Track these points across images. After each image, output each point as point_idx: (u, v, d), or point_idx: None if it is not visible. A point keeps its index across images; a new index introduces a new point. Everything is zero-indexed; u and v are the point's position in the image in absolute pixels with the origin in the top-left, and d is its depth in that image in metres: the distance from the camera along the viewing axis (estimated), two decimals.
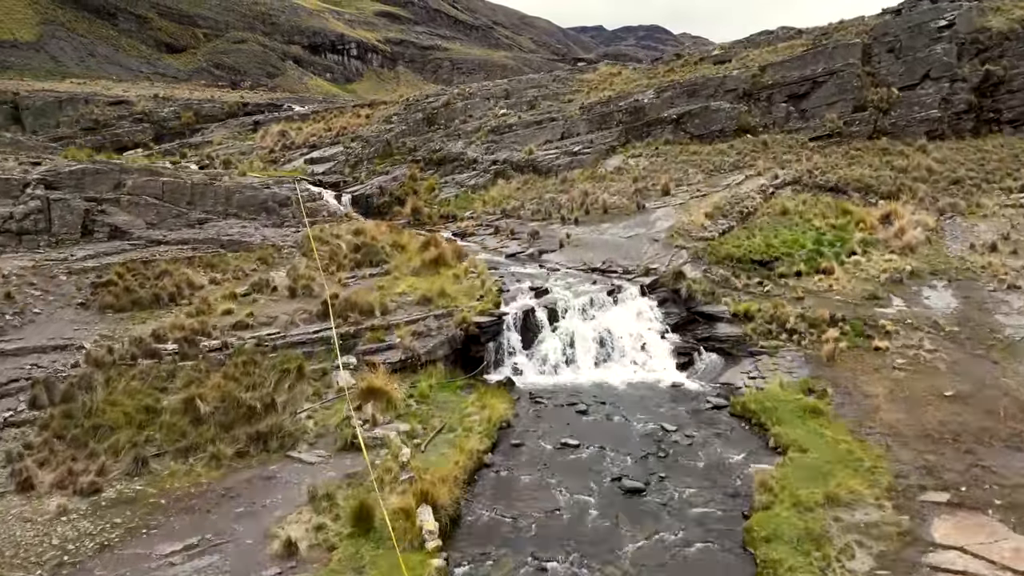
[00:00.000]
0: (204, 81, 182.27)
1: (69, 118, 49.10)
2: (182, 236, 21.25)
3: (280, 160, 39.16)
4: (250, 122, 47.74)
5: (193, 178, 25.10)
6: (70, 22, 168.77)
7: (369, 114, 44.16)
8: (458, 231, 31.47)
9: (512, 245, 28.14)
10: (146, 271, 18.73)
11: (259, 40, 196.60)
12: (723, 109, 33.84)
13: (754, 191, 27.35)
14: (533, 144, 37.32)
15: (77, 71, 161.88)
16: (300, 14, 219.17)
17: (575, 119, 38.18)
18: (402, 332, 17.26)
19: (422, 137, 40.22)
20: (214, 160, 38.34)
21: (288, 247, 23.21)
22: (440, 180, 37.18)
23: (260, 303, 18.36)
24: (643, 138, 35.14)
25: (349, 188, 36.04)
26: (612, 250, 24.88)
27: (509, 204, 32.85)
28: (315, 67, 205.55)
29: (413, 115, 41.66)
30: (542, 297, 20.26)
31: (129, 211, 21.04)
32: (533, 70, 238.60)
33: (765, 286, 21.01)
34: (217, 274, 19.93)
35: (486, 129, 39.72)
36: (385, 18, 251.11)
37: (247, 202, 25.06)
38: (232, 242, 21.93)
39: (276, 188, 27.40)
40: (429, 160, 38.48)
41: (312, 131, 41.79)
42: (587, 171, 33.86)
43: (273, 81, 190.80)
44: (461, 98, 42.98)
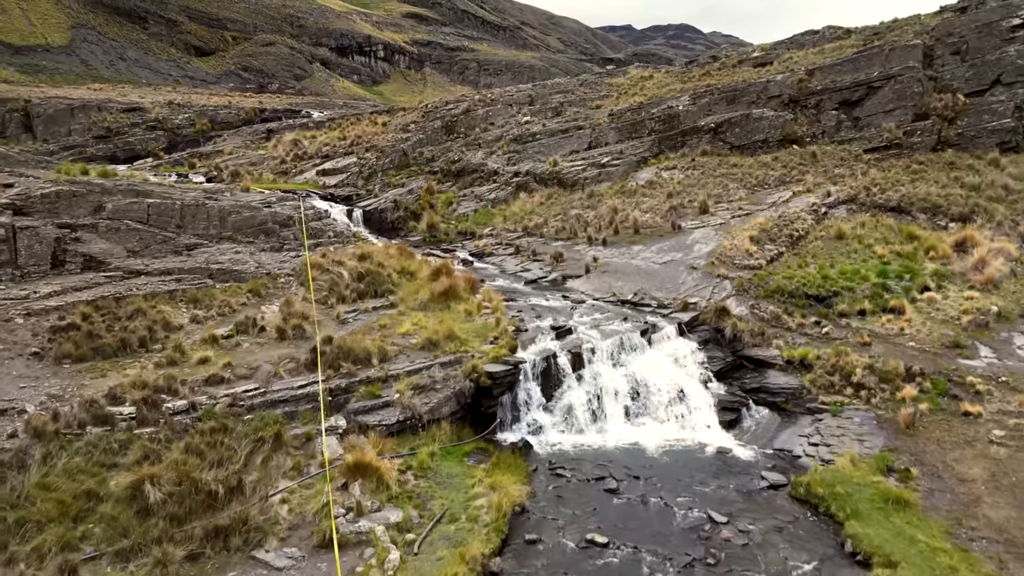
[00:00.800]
0: (232, 84, 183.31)
1: (81, 126, 47.76)
2: (166, 265, 19.12)
3: (291, 172, 37.13)
4: (263, 130, 45.90)
5: (186, 197, 23.03)
6: (101, 25, 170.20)
7: (386, 122, 41.98)
8: (476, 250, 29.08)
9: (534, 268, 25.65)
10: (118, 309, 16.60)
11: (287, 43, 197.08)
12: (766, 117, 30.94)
13: (804, 211, 24.47)
14: (558, 155, 34.77)
15: (107, 75, 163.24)
16: (328, 16, 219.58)
17: (603, 127, 35.55)
18: (401, 386, 14.85)
19: (440, 147, 37.89)
20: (222, 171, 36.46)
21: (285, 275, 20.99)
22: (458, 193, 34.82)
23: (243, 348, 16.10)
24: (678, 148, 32.38)
25: (362, 202, 33.85)
26: (645, 278, 22.24)
27: (531, 221, 30.37)
28: (342, 69, 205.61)
29: (431, 123, 39.36)
30: (565, 338, 17.72)
31: (108, 238, 18.98)
32: (560, 70, 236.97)
33: (823, 327, 18.20)
34: (200, 311, 17.75)
35: (508, 138, 37.27)
36: (412, 19, 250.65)
37: (244, 224, 22.92)
38: (222, 271, 19.76)
39: (278, 207, 25.25)
40: (447, 171, 36.14)
41: (326, 140, 39.73)
42: (616, 185, 31.23)
43: (300, 84, 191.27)
44: (482, 105, 40.58)
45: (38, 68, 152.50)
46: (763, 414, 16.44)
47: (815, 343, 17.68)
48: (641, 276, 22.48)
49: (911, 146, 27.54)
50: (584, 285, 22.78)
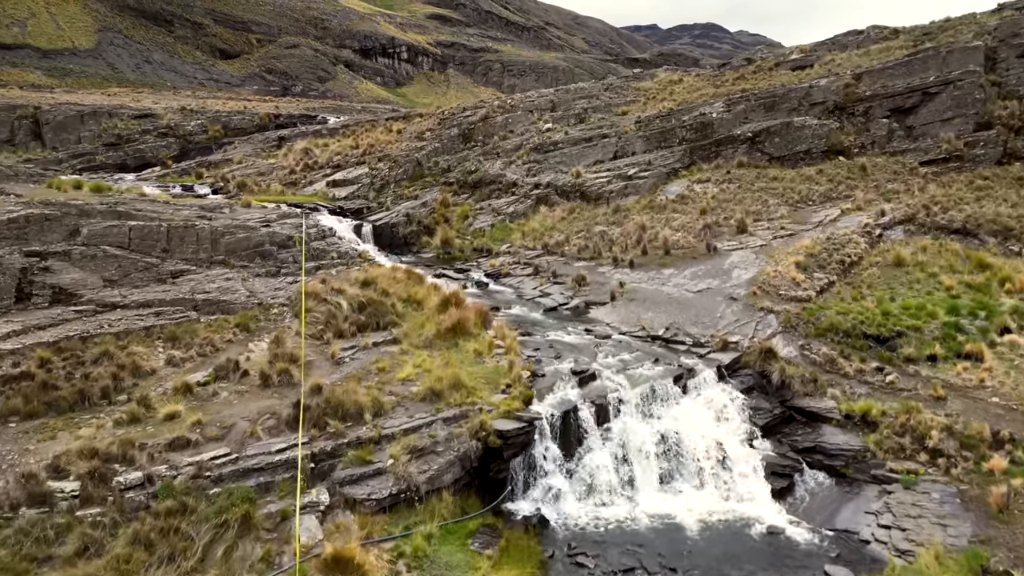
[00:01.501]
0: (256, 86, 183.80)
1: (91, 133, 46.57)
2: (146, 297, 17.28)
3: (300, 182, 35.36)
4: (275, 137, 44.27)
5: (176, 217, 21.22)
6: (127, 29, 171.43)
7: (401, 129, 40.08)
8: (492, 270, 26.96)
9: (554, 292, 23.45)
10: (83, 351, 14.76)
11: (311, 45, 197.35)
12: (809, 125, 28.42)
13: (856, 232, 21.98)
14: (581, 165, 32.54)
15: (132, 78, 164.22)
16: (352, 18, 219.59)
17: (630, 135, 33.24)
18: (397, 450, 12.76)
19: (457, 156, 35.86)
20: (229, 182, 34.80)
21: (279, 305, 19.06)
22: (475, 206, 32.74)
23: (219, 399, 14.14)
24: (711, 159, 29.98)
25: (373, 215, 31.92)
26: (678, 309, 19.93)
27: (552, 237, 28.17)
28: (365, 71, 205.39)
29: (448, 131, 37.36)
30: (588, 386, 15.52)
31: (82, 266, 17.19)
32: (585, 71, 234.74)
33: (887, 374, 15.78)
34: (178, 351, 15.85)
35: (528, 147, 35.12)
36: (436, 20, 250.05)
37: (238, 246, 21.05)
38: (208, 303, 17.87)
39: (277, 225, 23.36)
40: (463, 183, 34.09)
41: (338, 149, 37.93)
42: (644, 199, 28.92)
43: (324, 86, 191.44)
44: (501, 111, 38.49)
45: (65, 71, 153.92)
46: (819, 481, 14.10)
47: (878, 395, 15.27)
48: (673, 306, 20.17)
49: (973, 159, 24.89)
50: (609, 315, 20.52)
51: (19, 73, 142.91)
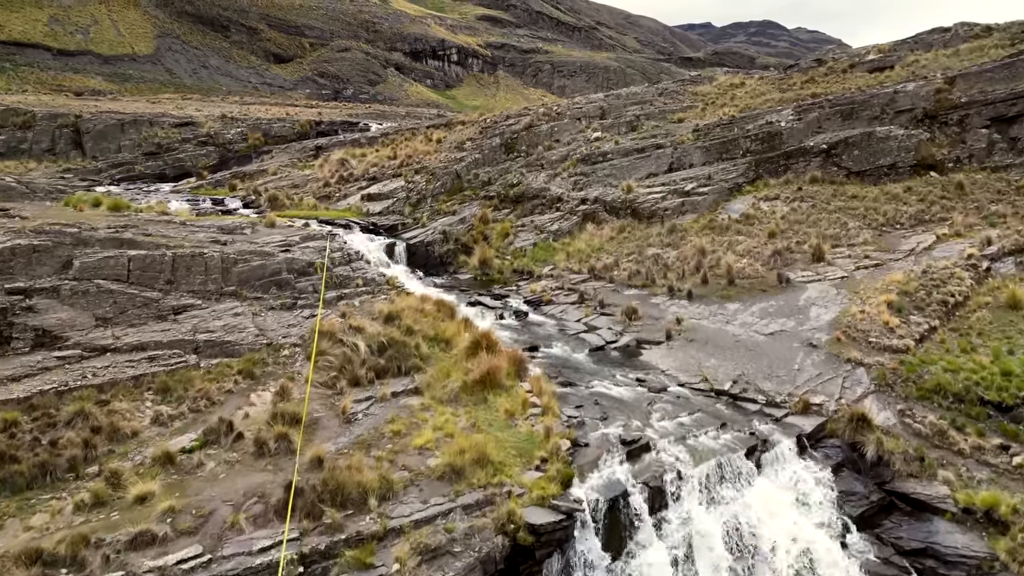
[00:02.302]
0: (308, 90, 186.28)
1: (131, 141, 45.94)
2: (141, 338, 15.41)
3: (335, 196, 33.57)
4: (312, 147, 42.75)
5: (188, 241, 19.44)
6: (185, 35, 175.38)
7: (441, 138, 37.96)
8: (532, 297, 24.47)
9: (601, 327, 20.84)
10: (57, 410, 12.91)
11: (362, 48, 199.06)
12: (894, 136, 25.09)
13: (957, 264, 18.74)
14: (632, 178, 29.80)
15: (189, 83, 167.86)
16: (402, 21, 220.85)
17: (687, 146, 30.33)
18: (404, 551, 10.43)
19: (498, 168, 33.53)
20: (260, 195, 33.25)
21: (290, 346, 16.99)
22: (516, 223, 30.33)
23: (204, 472, 12.06)
24: (780, 173, 26.89)
25: (407, 232, 29.82)
26: (746, 356, 17.10)
27: (600, 260, 25.55)
28: (416, 73, 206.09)
29: (489, 140, 35.06)
30: (640, 459, 12.93)
31: (72, 304, 15.43)
32: (637, 71, 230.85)
33: (1014, 454, 12.74)
34: (168, 406, 13.88)
35: (575, 158, 32.54)
36: (487, 22, 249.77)
37: (251, 275, 19.11)
38: (211, 344, 15.92)
39: (298, 250, 21.39)
40: (504, 197, 31.72)
41: (375, 160, 36.05)
42: (703, 218, 26.03)
43: (374, 89, 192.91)
44: (547, 119, 35.98)
45: (125, 77, 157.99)
46: None
47: (1005, 481, 12.28)
48: (740, 352, 17.34)
49: None
50: (665, 359, 17.82)
51: (81, 79, 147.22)
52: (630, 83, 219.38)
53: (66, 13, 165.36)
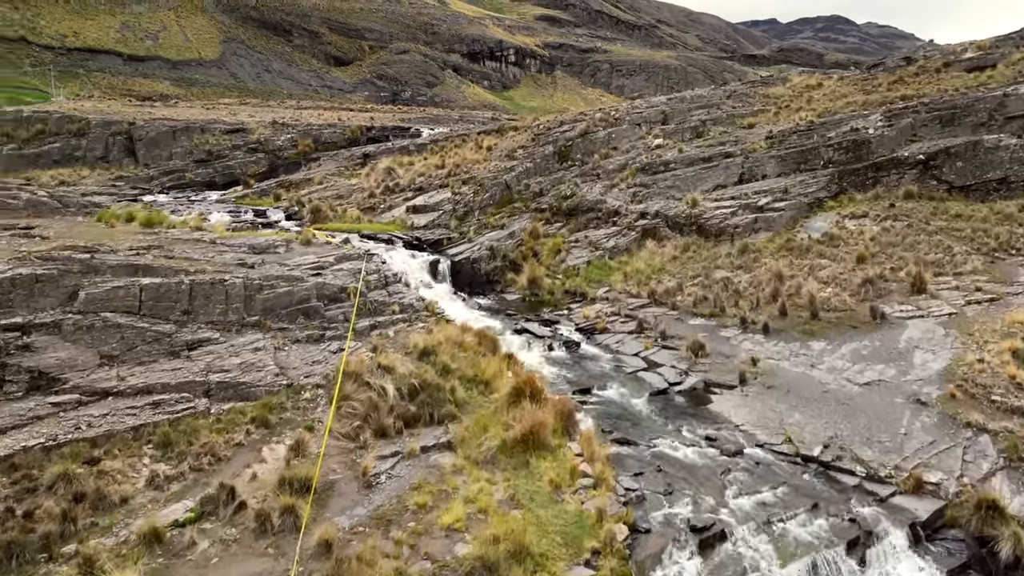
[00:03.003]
0: (367, 92, 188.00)
1: (183, 148, 45.67)
2: (148, 379, 13.89)
3: (379, 207, 32.02)
4: (360, 155, 41.44)
5: (212, 264, 17.98)
6: (249, 39, 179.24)
7: (492, 145, 36.01)
8: (585, 324, 22.20)
9: (663, 363, 18.44)
10: (42, 469, 11.40)
11: (420, 50, 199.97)
12: (1005, 146, 21.82)
13: None
14: (698, 191, 27.19)
15: (252, 86, 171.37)
16: (461, 22, 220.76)
17: (760, 154, 27.52)
18: None
19: (551, 178, 31.36)
20: (304, 207, 31.99)
21: (312, 387, 15.23)
22: (569, 238, 28.10)
23: (194, 555, 10.32)
24: (868, 187, 23.88)
25: (452, 248, 27.97)
26: (838, 412, 14.48)
27: (661, 283, 23.12)
28: (473, 75, 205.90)
29: (541, 148, 32.90)
30: (712, 553, 10.60)
31: (75, 340, 14.02)
32: (699, 69, 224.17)
33: None
34: (167, 464, 12.24)
35: (634, 167, 30.09)
36: (545, 22, 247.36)
37: (278, 303, 17.49)
38: (224, 386, 14.29)
39: (330, 274, 19.71)
40: (557, 209, 29.53)
41: (422, 169, 34.38)
42: (779, 237, 23.27)
43: (432, 90, 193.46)
44: (604, 124, 33.59)
45: (191, 81, 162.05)
46: None
47: None
48: (830, 406, 14.73)
49: None
50: (739, 410, 15.34)
51: (149, 84, 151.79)
52: (691, 82, 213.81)
53: (136, 19, 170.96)
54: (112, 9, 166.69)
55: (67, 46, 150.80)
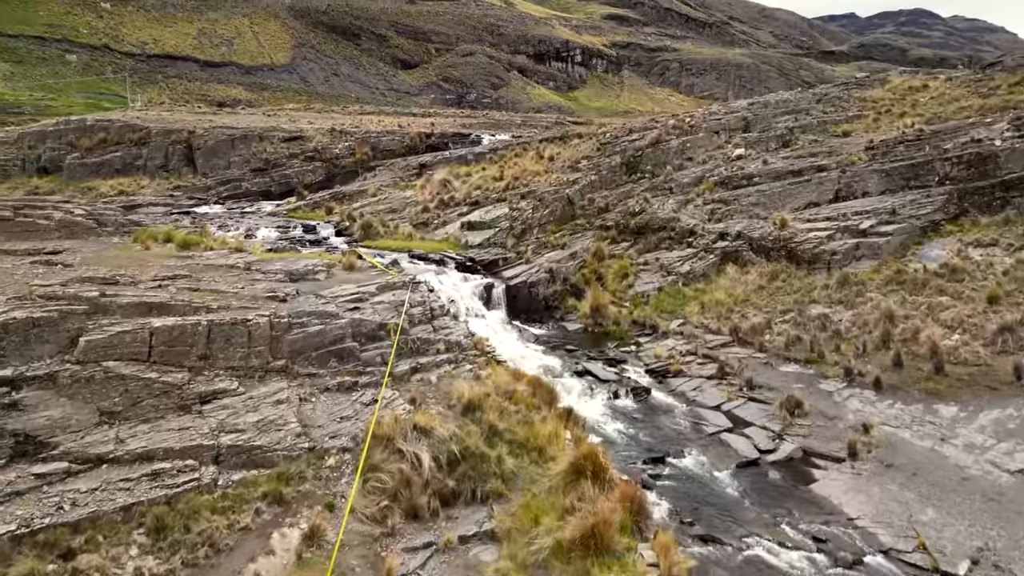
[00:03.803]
0: (433, 95, 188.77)
1: (241, 157, 45.00)
2: (150, 442, 12.05)
3: (432, 222, 30.03)
4: (416, 165, 39.65)
5: (237, 300, 16.16)
6: (319, 44, 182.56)
7: (554, 155, 33.52)
8: (657, 364, 19.53)
9: (750, 420, 15.64)
10: (6, 565, 9.64)
11: (486, 52, 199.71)
12: None
13: None
14: (787, 209, 24.03)
15: (321, 90, 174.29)
16: (527, 23, 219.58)
17: (859, 168, 24.12)
18: None
19: (617, 191, 28.64)
20: (355, 222, 30.29)
21: (338, 451, 13.11)
22: (637, 259, 25.36)
23: None
24: (995, 209, 20.29)
25: (508, 270, 25.66)
26: (986, 512, 11.38)
27: (745, 317, 20.20)
28: (538, 76, 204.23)
29: (608, 159, 30.21)
30: None
31: (72, 395, 12.32)
32: (773, 67, 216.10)
33: None
34: (154, 558, 10.28)
35: (712, 180, 27.07)
36: (612, 21, 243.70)
37: (308, 344, 15.50)
38: (236, 450, 12.33)
39: (369, 307, 17.63)
40: (624, 227, 26.81)
41: (479, 180, 32.21)
42: (887, 267, 19.95)
43: (497, 92, 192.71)
44: (677, 132, 30.63)
45: (263, 86, 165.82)
46: None
47: None
48: (975, 501, 11.64)
49: None
50: (853, 497, 12.39)
51: (224, 89, 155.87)
52: (764, 80, 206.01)
53: (212, 26, 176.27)
54: (190, 17, 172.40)
55: (147, 53, 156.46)
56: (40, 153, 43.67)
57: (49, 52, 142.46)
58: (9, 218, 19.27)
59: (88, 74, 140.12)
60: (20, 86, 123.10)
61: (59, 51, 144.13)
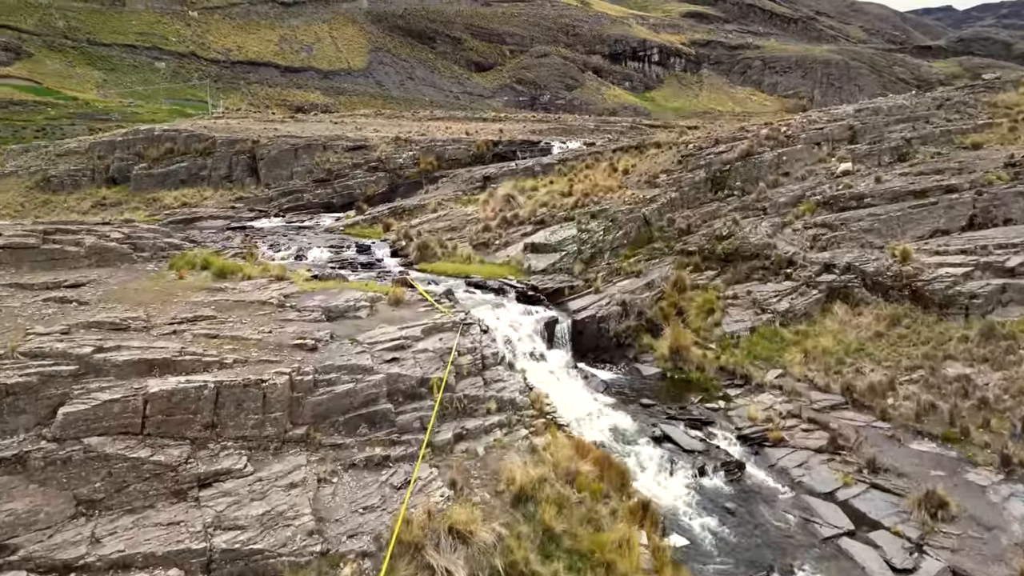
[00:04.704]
0: (506, 97, 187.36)
1: (303, 167, 43.83)
2: (132, 541, 9.92)
3: (493, 243, 27.53)
4: (480, 177, 37.25)
5: (258, 348, 14.02)
6: (395, 48, 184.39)
7: (629, 167, 30.43)
8: (752, 428, 16.36)
9: (876, 517, 12.41)
10: None
11: (560, 53, 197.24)
12: None
13: None
14: (908, 237, 20.26)
15: (396, 94, 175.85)
16: (603, 22, 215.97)
17: (999, 189, 20.09)
18: None
19: (701, 211, 25.36)
20: (412, 241, 28.11)
21: (357, 556, 10.65)
22: (724, 292, 22.08)
23: None
24: None
25: (575, 300, 22.84)
26: None
27: (861, 372, 16.74)
28: (614, 76, 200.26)
29: (690, 173, 26.92)
30: None
31: (44, 481, 10.33)
32: (864, 63, 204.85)
33: None
34: None
35: (814, 200, 23.46)
36: (692, 19, 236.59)
37: (334, 406, 13.17)
38: (231, 556, 10.04)
39: (410, 356, 15.19)
40: (709, 253, 23.55)
41: (546, 196, 29.47)
42: None
43: (571, 94, 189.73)
44: (771, 143, 27.01)
45: (340, 90, 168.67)
46: None
47: None
48: None
49: None
50: None
51: (303, 94, 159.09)
52: (855, 78, 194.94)
53: (293, 32, 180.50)
54: (272, 24, 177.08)
55: (231, 59, 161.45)
56: (109, 163, 43.72)
57: (140, 60, 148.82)
58: (34, 246, 17.83)
59: (175, 81, 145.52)
60: (111, 93, 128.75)
61: (149, 59, 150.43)
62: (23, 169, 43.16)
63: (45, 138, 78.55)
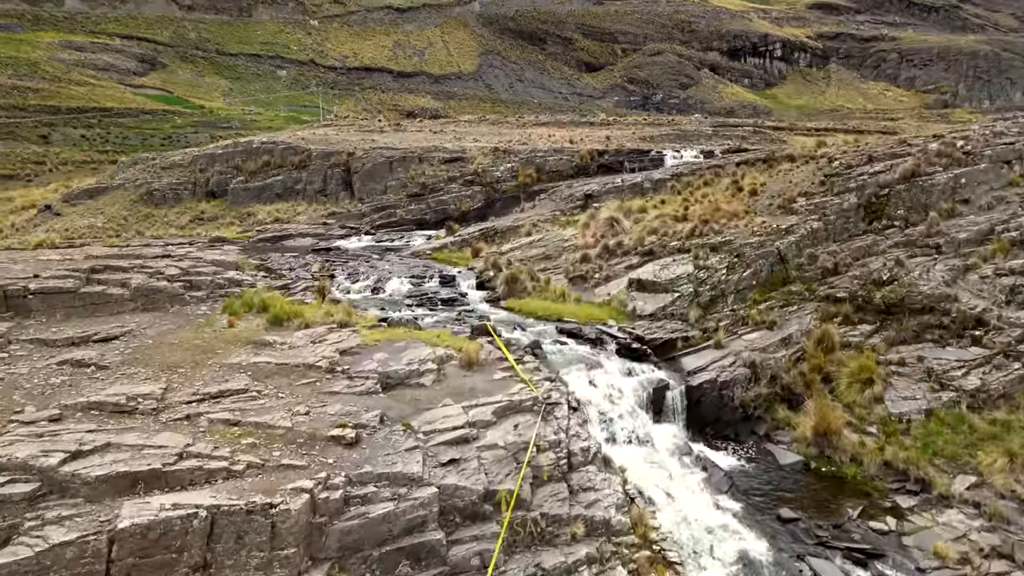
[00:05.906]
0: (617, 97, 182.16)
1: (398, 181, 41.79)
2: None
3: (592, 276, 23.78)
4: (580, 195, 33.50)
5: (275, 452, 11.13)
6: (505, 51, 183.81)
7: (756, 186, 25.70)
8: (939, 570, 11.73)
9: None
10: None
11: (675, 50, 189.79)
12: None
13: None
14: None
15: (505, 97, 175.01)
16: (721, 17, 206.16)
17: None
18: None
19: (852, 247, 20.47)
20: (500, 271, 24.90)
21: None
22: (886, 355, 17.26)
23: None
24: None
25: (689, 354, 18.69)
26: None
27: None
28: (732, 73, 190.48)
29: (836, 198, 21.95)
30: None
31: None
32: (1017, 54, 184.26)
33: None
34: None
35: (1007, 238, 18.13)
36: (819, 10, 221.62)
37: (366, 537, 10.04)
38: None
39: (474, 453, 11.84)
40: (864, 301, 18.71)
41: (656, 221, 25.32)
42: None
43: (685, 92, 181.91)
44: (944, 161, 21.57)
45: (450, 94, 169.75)
46: None
47: None
48: None
49: None
50: None
51: (413, 99, 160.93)
52: (1006, 70, 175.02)
53: (407, 38, 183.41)
54: (387, 30, 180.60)
55: (347, 66, 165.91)
56: (209, 176, 43.49)
57: (263, 68, 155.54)
58: (72, 290, 15.94)
59: (295, 88, 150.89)
60: (235, 101, 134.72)
61: (272, 67, 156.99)
62: (130, 182, 43.69)
63: (171, 146, 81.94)
